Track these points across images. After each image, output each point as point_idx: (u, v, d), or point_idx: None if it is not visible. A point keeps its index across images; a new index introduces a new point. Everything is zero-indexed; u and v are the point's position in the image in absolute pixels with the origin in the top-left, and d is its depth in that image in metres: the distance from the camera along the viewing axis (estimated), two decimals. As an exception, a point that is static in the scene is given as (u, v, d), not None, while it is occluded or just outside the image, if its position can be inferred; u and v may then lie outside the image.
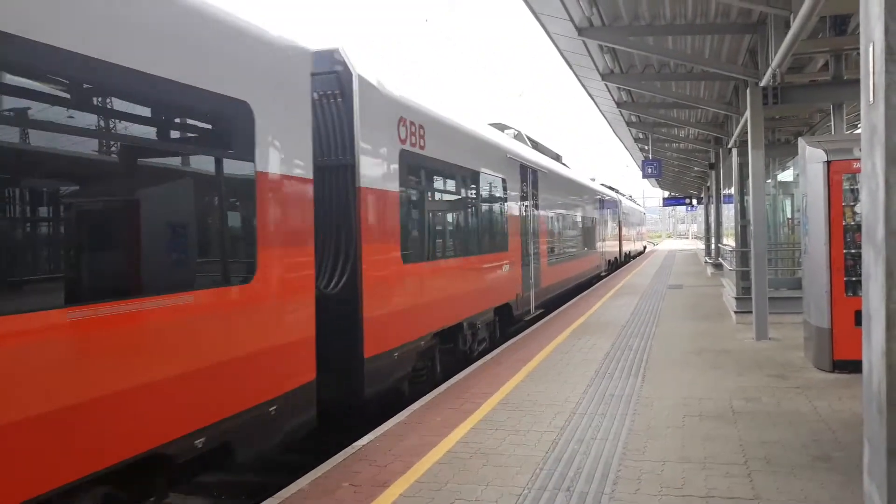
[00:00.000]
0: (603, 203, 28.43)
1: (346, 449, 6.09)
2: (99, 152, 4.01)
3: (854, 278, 7.99)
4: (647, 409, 7.04)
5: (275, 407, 5.26)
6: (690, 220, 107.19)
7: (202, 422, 4.51)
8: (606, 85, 16.52)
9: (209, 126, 4.90)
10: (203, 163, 4.83)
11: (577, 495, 4.80)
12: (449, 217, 10.07)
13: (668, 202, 52.06)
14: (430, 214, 9.12)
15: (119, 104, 4.12)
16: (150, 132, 4.42)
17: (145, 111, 4.32)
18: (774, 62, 9.37)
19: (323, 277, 6.94)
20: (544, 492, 4.90)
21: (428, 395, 8.09)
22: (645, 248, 56.68)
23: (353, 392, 6.91)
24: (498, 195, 12.27)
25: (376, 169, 7.36)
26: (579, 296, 19.60)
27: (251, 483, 6.51)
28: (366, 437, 6.43)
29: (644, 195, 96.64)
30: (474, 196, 10.84)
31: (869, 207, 3.09)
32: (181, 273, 4.53)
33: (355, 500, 4.88)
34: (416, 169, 8.49)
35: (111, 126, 4.10)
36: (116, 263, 4.09)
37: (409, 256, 8.07)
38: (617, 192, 39.35)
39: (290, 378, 5.52)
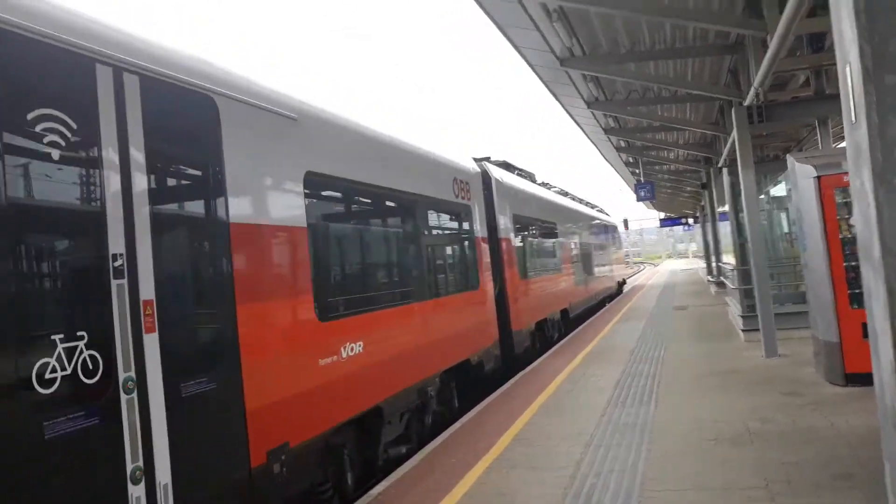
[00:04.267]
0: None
1: (363, 498, 6.02)
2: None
3: (857, 290, 7.99)
4: (662, 435, 6.98)
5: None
6: (689, 238, 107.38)
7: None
8: (592, 112, 16.74)
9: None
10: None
11: (599, 532, 4.74)
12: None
13: (665, 223, 52.22)
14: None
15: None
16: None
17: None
18: (756, 81, 9.53)
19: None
20: (566, 531, 4.84)
21: (441, 435, 8.04)
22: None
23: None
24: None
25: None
26: (586, 322, 19.59)
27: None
28: (380, 484, 6.37)
29: (642, 217, 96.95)
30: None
31: (862, 226, 3.12)
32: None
33: (375, 554, 4.84)
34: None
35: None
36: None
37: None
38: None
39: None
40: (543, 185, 19.92)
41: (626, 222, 49.77)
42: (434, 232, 9.50)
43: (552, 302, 16.69)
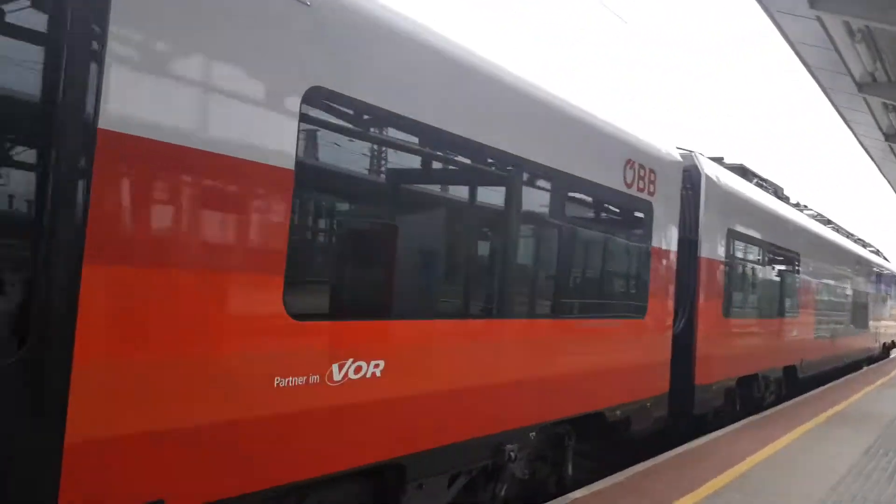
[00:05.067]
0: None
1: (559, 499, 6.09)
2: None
3: None
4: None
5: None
6: None
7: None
8: (890, 146, 14.77)
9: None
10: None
11: None
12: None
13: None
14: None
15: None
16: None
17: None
18: None
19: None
20: None
21: (654, 458, 7.82)
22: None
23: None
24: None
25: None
26: (847, 376, 17.38)
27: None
28: (579, 491, 6.33)
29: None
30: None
31: None
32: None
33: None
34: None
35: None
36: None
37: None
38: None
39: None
40: (795, 205, 16.01)
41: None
42: (567, 224, 6.62)
43: (771, 354, 12.67)
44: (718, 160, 11.29)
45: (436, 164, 5.28)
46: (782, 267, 13.38)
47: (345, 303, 4.41)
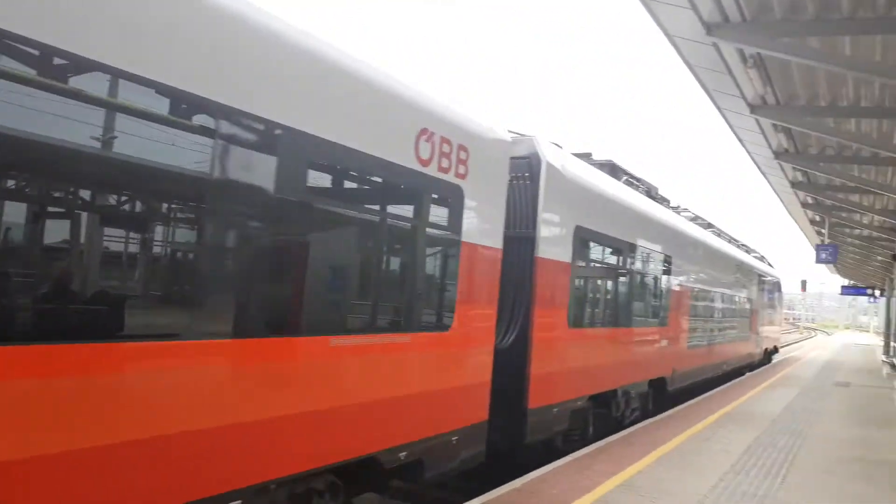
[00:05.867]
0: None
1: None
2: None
3: None
4: (780, 514, 6.62)
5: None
6: (873, 311, 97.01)
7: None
8: (780, 164, 15.87)
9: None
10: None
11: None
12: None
13: (846, 290, 47.62)
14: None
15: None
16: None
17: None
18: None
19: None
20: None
21: (547, 465, 7.99)
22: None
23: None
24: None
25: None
26: (730, 382, 18.49)
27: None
28: (475, 500, 6.50)
29: (823, 281, 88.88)
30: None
31: None
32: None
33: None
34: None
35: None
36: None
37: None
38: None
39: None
40: (674, 208, 14.73)
41: (803, 284, 45.99)
42: (315, 209, 4.87)
43: (633, 367, 11.30)
44: (585, 155, 10.39)
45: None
46: (649, 271, 12.08)
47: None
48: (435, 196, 6.12)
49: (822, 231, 25.12)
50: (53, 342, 3.33)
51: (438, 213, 6.27)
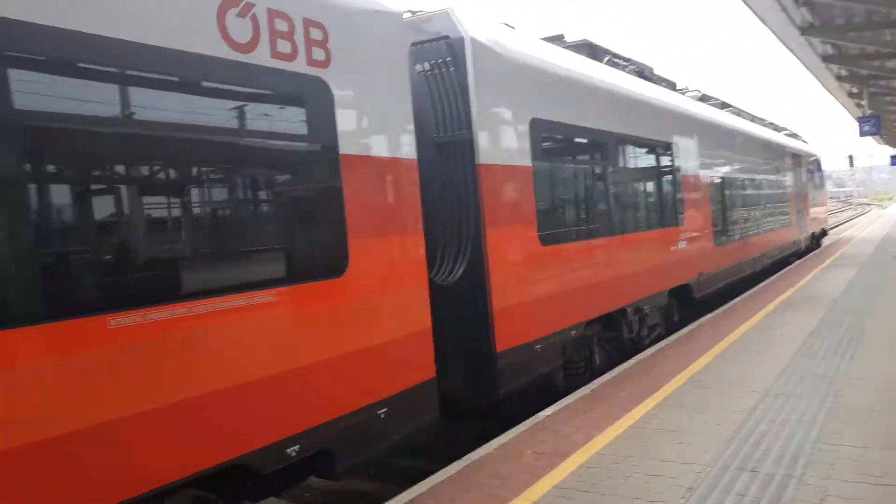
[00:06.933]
0: None
1: (531, 419, 6.45)
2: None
3: None
4: (851, 391, 6.58)
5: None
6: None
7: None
8: (807, 40, 15.15)
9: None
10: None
11: (763, 476, 4.73)
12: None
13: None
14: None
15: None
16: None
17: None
18: None
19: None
20: (727, 471, 4.88)
21: (614, 370, 8.18)
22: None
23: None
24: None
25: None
26: (787, 268, 18.17)
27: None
28: (549, 408, 6.73)
29: (871, 153, 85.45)
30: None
31: None
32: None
33: (538, 467, 5.22)
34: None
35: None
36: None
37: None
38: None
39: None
40: (681, 90, 12.99)
41: (851, 159, 44.46)
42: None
43: (646, 278, 9.67)
44: (557, 38, 9.03)
45: None
46: (648, 164, 10.48)
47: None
48: (274, 93, 4.40)
49: (862, 103, 24.09)
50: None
51: (288, 118, 4.58)
